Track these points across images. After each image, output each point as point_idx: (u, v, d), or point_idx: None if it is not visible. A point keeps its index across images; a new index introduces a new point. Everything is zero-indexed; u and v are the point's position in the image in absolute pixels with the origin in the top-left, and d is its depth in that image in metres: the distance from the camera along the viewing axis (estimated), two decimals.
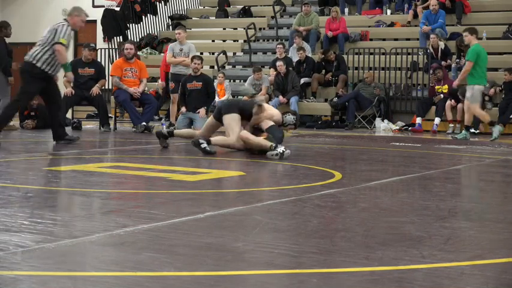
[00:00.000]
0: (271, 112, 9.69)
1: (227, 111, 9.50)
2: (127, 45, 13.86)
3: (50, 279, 3.33)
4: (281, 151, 8.73)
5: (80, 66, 13.72)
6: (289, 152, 8.84)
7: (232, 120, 9.41)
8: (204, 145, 9.05)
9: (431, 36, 16.28)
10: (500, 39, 17.05)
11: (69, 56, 24.13)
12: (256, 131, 9.53)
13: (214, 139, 9.40)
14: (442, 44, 16.20)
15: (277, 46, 16.97)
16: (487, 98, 14.88)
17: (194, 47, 14.52)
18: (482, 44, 16.31)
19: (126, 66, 13.60)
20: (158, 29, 21.21)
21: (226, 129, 9.52)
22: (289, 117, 9.72)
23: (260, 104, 9.48)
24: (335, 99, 16.17)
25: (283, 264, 3.71)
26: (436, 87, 15.47)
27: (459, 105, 14.77)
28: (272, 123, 9.48)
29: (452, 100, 14.94)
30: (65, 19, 10.42)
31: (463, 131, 13.34)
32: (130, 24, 20.54)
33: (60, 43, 10.03)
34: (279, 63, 15.93)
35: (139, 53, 17.77)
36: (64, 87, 13.66)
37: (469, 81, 13.02)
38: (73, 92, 13.40)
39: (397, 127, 15.47)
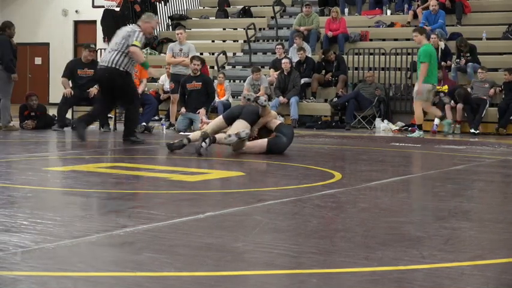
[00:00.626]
0: (273, 112, 9.75)
1: (245, 117, 9.43)
2: None
3: (49, 279, 3.33)
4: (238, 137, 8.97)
5: (79, 67, 13.67)
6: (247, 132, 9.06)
7: (242, 125, 9.35)
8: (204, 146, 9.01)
9: (432, 36, 16.26)
10: (500, 39, 17.06)
11: (70, 56, 24.16)
12: (263, 131, 9.52)
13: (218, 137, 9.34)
14: (442, 44, 16.20)
15: (277, 46, 16.99)
16: (442, 94, 15.11)
17: (194, 47, 14.52)
18: (482, 44, 16.38)
19: None
20: (158, 29, 21.20)
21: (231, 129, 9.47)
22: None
23: (265, 105, 9.47)
24: (335, 100, 16.18)
25: (283, 264, 3.71)
26: (437, 87, 15.44)
27: (458, 106, 14.77)
28: (279, 121, 9.50)
29: (452, 101, 14.94)
30: (138, 25, 11.04)
31: (417, 131, 13.47)
32: (130, 25, 20.50)
33: (134, 45, 10.60)
34: (284, 61, 15.94)
35: None
36: (63, 88, 13.66)
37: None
38: (72, 92, 13.38)
39: (397, 127, 15.46)
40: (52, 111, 14.55)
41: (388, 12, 19.37)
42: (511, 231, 4.80)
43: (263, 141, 9.28)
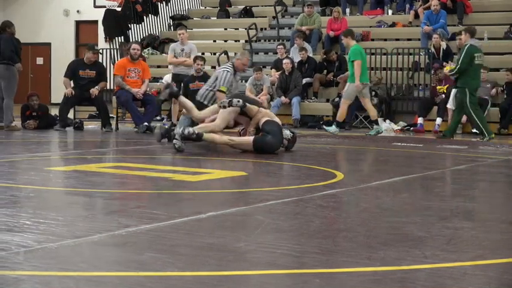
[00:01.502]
0: (264, 110, 9.80)
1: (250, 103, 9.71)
2: (134, 46, 13.82)
3: (52, 279, 3.33)
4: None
5: (81, 67, 13.67)
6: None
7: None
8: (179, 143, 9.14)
9: (434, 36, 16.28)
10: (501, 39, 17.05)
11: (71, 56, 24.13)
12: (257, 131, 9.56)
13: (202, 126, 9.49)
14: (444, 44, 16.21)
15: (278, 47, 16.99)
16: (373, 93, 15.43)
17: (195, 47, 14.54)
18: (483, 44, 16.36)
19: (130, 67, 13.58)
20: (159, 30, 21.21)
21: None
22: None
23: (242, 105, 9.53)
24: (336, 100, 16.18)
25: (285, 264, 3.71)
26: (438, 87, 15.46)
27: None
28: (264, 119, 9.49)
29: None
30: (232, 62, 11.72)
31: (334, 126, 13.67)
32: (132, 25, 20.54)
33: (220, 90, 11.24)
34: (286, 61, 15.95)
35: None
36: (64, 88, 13.66)
37: (349, 80, 13.52)
38: (73, 92, 13.38)
39: (399, 127, 15.46)
40: (54, 111, 14.56)
41: (390, 12, 19.37)
42: None
43: (249, 139, 9.30)
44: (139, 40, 19.72)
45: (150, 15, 21.05)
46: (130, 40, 19.68)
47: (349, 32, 13.83)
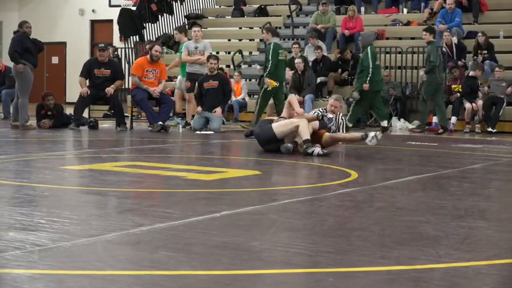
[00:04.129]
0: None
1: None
2: (157, 48, 13.75)
3: (66, 278, 3.34)
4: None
5: (96, 66, 13.67)
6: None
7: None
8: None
9: (445, 34, 16.22)
10: None
11: (86, 55, 24.17)
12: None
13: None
14: (455, 39, 16.14)
15: (293, 46, 16.97)
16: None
17: (209, 45, 14.52)
18: (499, 42, 16.28)
19: (149, 67, 13.57)
20: (174, 29, 21.23)
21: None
22: None
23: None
24: (351, 99, 16.13)
25: (299, 263, 3.71)
26: (453, 86, 15.39)
27: (478, 104, 14.69)
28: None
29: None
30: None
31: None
32: (147, 24, 20.57)
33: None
34: (297, 61, 15.93)
35: None
36: (80, 87, 13.69)
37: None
38: (88, 91, 13.41)
39: (414, 126, 15.40)
40: (69, 110, 14.60)
41: (405, 10, 19.30)
42: None
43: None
44: (153, 39, 19.75)
45: (165, 14, 21.08)
46: (145, 39, 19.71)
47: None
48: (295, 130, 9.16)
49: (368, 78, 13.75)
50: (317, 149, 8.96)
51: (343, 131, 9.85)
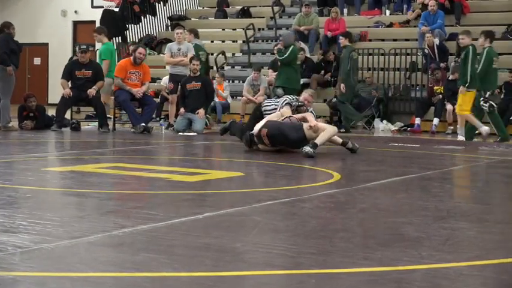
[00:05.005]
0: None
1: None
2: (141, 50, 13.71)
3: (48, 280, 3.32)
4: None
5: (77, 68, 13.61)
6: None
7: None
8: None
9: (427, 35, 16.29)
10: (499, 39, 17.03)
11: (68, 57, 24.13)
12: None
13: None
14: (436, 41, 16.21)
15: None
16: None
17: (192, 47, 14.51)
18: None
19: (132, 69, 13.54)
20: (157, 30, 21.20)
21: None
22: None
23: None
24: (334, 100, 16.16)
25: (282, 264, 3.71)
26: (435, 88, 15.46)
27: (450, 107, 14.76)
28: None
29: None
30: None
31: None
32: (130, 25, 20.52)
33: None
34: None
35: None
36: (62, 88, 13.64)
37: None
38: (71, 93, 13.36)
39: (396, 128, 15.46)
40: (51, 112, 14.55)
41: (387, 12, 19.37)
42: (510, 231, 4.80)
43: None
44: (136, 41, 19.71)
45: (147, 15, 21.04)
46: (128, 41, 19.68)
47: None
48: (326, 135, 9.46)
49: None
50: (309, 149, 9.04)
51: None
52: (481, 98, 12.95)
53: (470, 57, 12.96)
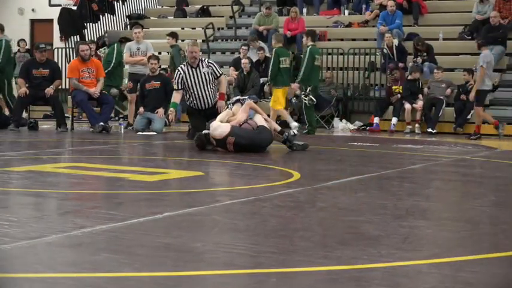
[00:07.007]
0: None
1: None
2: (82, 47, 13.62)
3: (6, 281, 3.28)
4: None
5: (34, 67, 13.48)
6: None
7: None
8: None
9: (387, 35, 16.42)
10: (456, 39, 17.23)
11: (26, 56, 23.83)
12: None
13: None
14: (396, 41, 16.35)
15: (242, 48, 16.92)
16: (294, 99, 16.02)
17: (151, 46, 14.46)
18: (439, 44, 16.53)
19: (83, 67, 13.44)
20: (116, 28, 21.06)
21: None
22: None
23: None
24: (293, 100, 16.20)
25: (242, 264, 3.71)
26: (393, 87, 15.58)
27: (418, 105, 14.91)
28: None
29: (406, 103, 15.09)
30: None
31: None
32: (88, 24, 20.36)
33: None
34: (244, 61, 16.00)
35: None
36: (18, 88, 13.50)
37: None
38: (27, 92, 13.22)
39: (355, 127, 15.55)
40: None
41: (346, 12, 19.48)
42: (468, 229, 4.85)
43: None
44: (95, 39, 19.56)
45: (106, 14, 20.90)
46: (86, 39, 19.53)
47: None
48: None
49: None
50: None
51: None
52: (302, 93, 13.99)
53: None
